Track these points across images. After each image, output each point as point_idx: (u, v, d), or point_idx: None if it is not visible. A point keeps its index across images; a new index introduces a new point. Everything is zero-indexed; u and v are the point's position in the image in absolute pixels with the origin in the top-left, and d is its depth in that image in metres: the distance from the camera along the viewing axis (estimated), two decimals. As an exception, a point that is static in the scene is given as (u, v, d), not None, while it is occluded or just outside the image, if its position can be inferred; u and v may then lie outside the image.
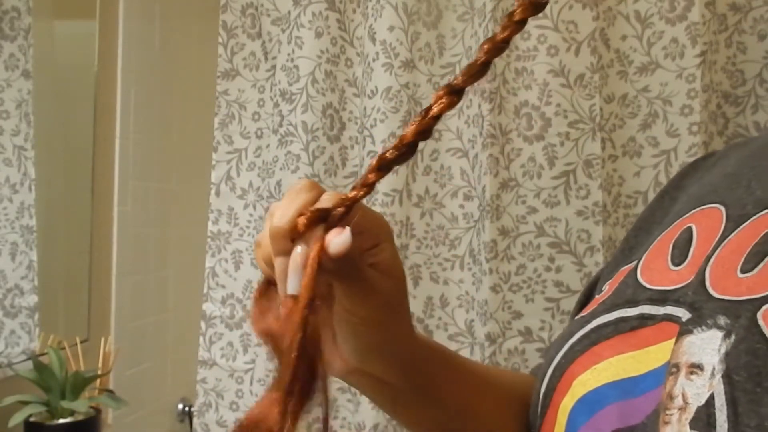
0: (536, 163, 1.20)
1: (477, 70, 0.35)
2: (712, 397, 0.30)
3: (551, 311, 1.20)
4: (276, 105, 1.33)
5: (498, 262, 1.19)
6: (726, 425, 0.29)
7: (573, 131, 1.19)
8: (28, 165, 1.29)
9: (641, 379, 0.36)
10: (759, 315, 0.31)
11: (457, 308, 1.27)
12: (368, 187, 0.38)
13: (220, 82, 1.40)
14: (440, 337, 1.27)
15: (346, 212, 0.38)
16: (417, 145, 0.37)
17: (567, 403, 0.40)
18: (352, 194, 0.38)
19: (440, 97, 0.35)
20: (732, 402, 0.29)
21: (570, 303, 1.19)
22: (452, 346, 1.26)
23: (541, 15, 1.26)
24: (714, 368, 0.31)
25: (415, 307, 1.27)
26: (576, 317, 0.46)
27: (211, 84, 1.41)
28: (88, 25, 1.45)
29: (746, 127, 1.20)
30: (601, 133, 1.19)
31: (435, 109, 0.35)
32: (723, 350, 0.31)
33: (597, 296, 0.46)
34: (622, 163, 1.22)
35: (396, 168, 0.36)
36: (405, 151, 0.37)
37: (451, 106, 0.35)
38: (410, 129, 0.36)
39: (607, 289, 0.45)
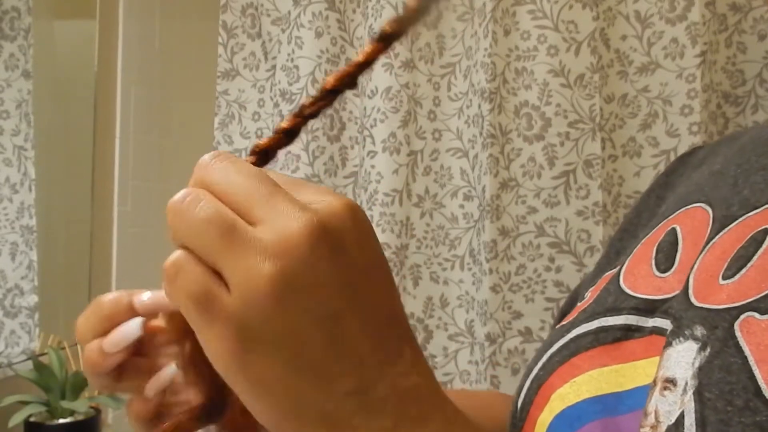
0: (536, 163, 1.20)
1: (408, 16, 0.34)
2: (682, 416, 0.29)
3: (551, 311, 1.20)
4: (276, 105, 1.33)
5: (498, 262, 1.19)
6: None
7: (573, 131, 1.19)
8: (28, 165, 1.29)
9: (627, 396, 0.34)
10: (736, 325, 0.29)
11: (457, 308, 1.27)
12: (278, 133, 0.35)
13: (220, 82, 1.40)
14: (440, 337, 1.27)
15: (258, 161, 0.35)
16: (338, 93, 0.34)
17: (545, 419, 0.38)
18: (263, 142, 0.35)
19: (367, 45, 0.34)
20: (701, 422, 0.28)
21: (570, 303, 1.19)
22: (452, 346, 1.26)
23: (540, 15, 1.27)
24: (687, 383, 0.29)
25: (415, 307, 1.27)
26: (557, 326, 0.43)
27: (211, 84, 1.41)
28: (88, 25, 1.45)
29: (746, 127, 1.20)
30: (601, 133, 1.19)
31: (360, 56, 0.34)
32: (697, 364, 0.29)
33: (579, 303, 0.43)
34: (622, 163, 1.22)
35: (396, 167, 0.35)
36: (324, 97, 0.34)
37: (376, 52, 0.34)
38: (332, 76, 0.34)
39: (589, 296, 0.43)
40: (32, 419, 1.12)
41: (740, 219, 0.34)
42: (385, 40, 0.34)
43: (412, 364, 0.31)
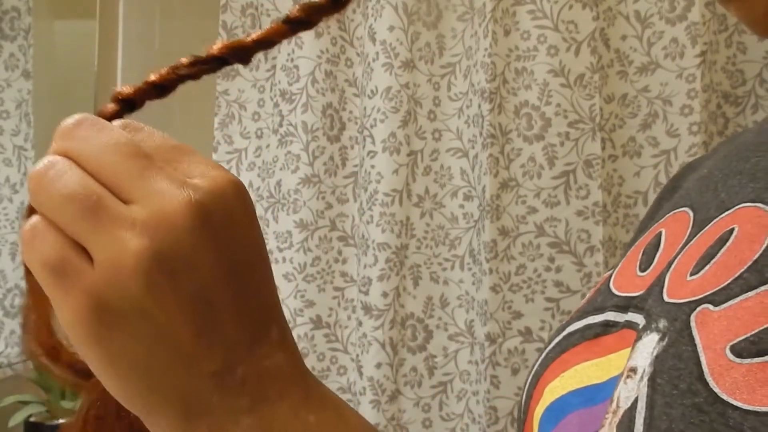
0: (536, 163, 1.20)
1: (320, 6, 0.32)
2: (636, 400, 0.30)
3: (551, 311, 1.20)
4: (276, 105, 1.33)
5: (498, 262, 1.19)
6: (642, 428, 0.29)
7: (573, 131, 1.19)
8: (28, 165, 1.29)
9: (602, 387, 0.36)
10: (692, 317, 0.30)
11: (457, 308, 1.27)
12: (146, 84, 0.33)
13: (220, 82, 1.40)
14: (440, 337, 1.27)
15: (121, 111, 0.33)
16: (224, 63, 0.33)
17: (539, 411, 0.40)
18: (128, 90, 0.33)
19: (271, 23, 0.33)
20: (650, 405, 0.29)
21: (570, 303, 1.19)
22: (452, 346, 1.26)
23: (540, 15, 1.27)
24: (644, 371, 0.31)
25: (415, 307, 1.27)
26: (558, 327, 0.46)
27: (211, 84, 1.41)
28: (88, 25, 1.45)
29: (746, 127, 1.20)
30: (601, 133, 1.19)
31: (261, 33, 0.32)
32: (655, 353, 0.31)
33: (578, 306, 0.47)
34: (622, 163, 1.22)
35: (396, 167, 0.34)
36: (208, 62, 0.32)
37: (277, 33, 0.32)
38: (222, 42, 0.32)
39: (586, 298, 0.45)
40: (32, 419, 1.12)
41: (714, 221, 0.36)
42: (290, 24, 0.33)
43: (278, 344, 0.31)
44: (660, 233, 0.41)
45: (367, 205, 1.25)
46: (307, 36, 1.29)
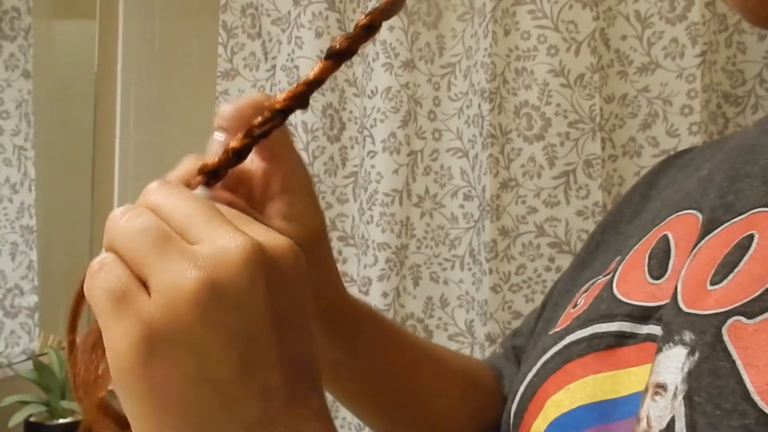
0: (536, 163, 1.20)
1: (358, 33, 0.34)
2: (673, 420, 0.29)
3: (551, 311, 1.20)
4: (276, 105, 1.33)
5: (498, 262, 1.19)
6: None
7: (573, 131, 1.19)
8: (28, 165, 1.29)
9: (621, 402, 0.34)
10: (724, 330, 0.29)
11: (457, 308, 1.27)
12: (226, 153, 0.36)
13: (220, 82, 1.40)
14: (440, 337, 1.27)
15: (207, 182, 0.36)
16: (289, 113, 0.35)
17: (539, 426, 0.38)
18: (211, 161, 0.36)
19: (317, 63, 0.35)
20: (691, 426, 0.28)
21: (570, 303, 1.19)
22: (452, 346, 1.26)
23: (540, 15, 1.26)
24: (677, 388, 0.29)
25: (415, 307, 1.27)
26: (550, 332, 0.43)
27: (211, 84, 1.41)
28: (88, 25, 1.45)
29: (746, 127, 1.20)
30: (601, 133, 1.19)
31: (311, 75, 0.34)
32: (686, 369, 0.29)
33: (572, 310, 0.43)
34: (622, 163, 1.22)
35: (396, 167, 0.35)
36: (275, 117, 0.34)
37: (326, 70, 0.34)
38: (282, 95, 0.35)
39: (583, 302, 0.43)
40: (32, 419, 1.12)
41: (725, 225, 0.34)
42: (334, 58, 0.34)
43: (317, 414, 0.30)
44: (666, 237, 0.39)
45: (367, 205, 1.25)
46: (307, 36, 1.29)
